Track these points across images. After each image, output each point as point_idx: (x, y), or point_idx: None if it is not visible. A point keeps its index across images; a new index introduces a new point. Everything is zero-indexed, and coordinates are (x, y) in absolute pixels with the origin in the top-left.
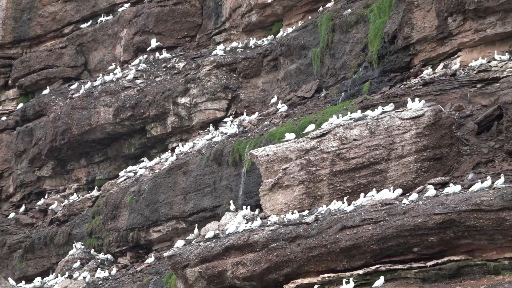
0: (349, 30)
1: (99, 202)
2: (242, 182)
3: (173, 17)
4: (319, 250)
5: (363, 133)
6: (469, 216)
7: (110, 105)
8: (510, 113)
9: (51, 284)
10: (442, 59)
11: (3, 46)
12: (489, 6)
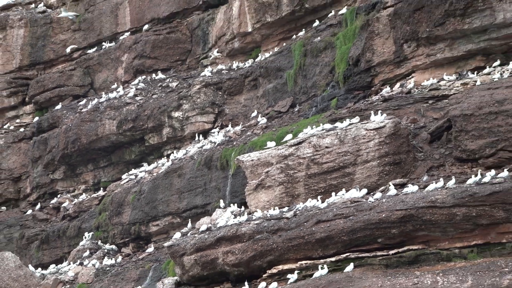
0: (319, 55)
1: (105, 201)
2: (228, 183)
3: (167, 44)
4: (298, 241)
5: (334, 141)
6: (425, 211)
7: (114, 118)
8: (458, 125)
9: (64, 270)
10: (399, 79)
11: (21, 68)
12: (438, 34)
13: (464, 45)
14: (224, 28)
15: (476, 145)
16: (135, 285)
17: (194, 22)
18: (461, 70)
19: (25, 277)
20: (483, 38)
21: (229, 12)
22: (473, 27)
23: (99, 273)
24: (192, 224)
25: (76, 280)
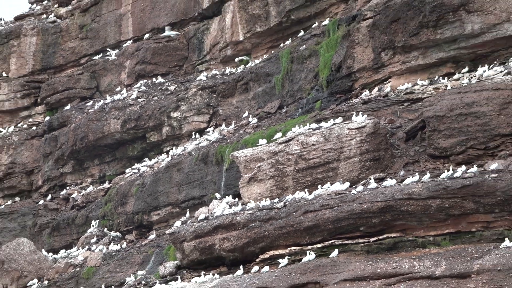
0: (304, 62)
1: (111, 192)
2: (223, 177)
3: (166, 51)
4: (287, 229)
5: (319, 139)
6: (403, 203)
7: (118, 118)
8: (431, 125)
9: (74, 255)
10: (377, 84)
11: (34, 73)
12: (413, 43)
13: (436, 54)
14: (218, 37)
15: (448, 143)
16: (139, 268)
17: (190, 31)
18: (433, 76)
19: (39, 260)
20: (453, 47)
21: (222, 23)
22: (444, 37)
23: (106, 257)
24: (190, 213)
25: (85, 264)
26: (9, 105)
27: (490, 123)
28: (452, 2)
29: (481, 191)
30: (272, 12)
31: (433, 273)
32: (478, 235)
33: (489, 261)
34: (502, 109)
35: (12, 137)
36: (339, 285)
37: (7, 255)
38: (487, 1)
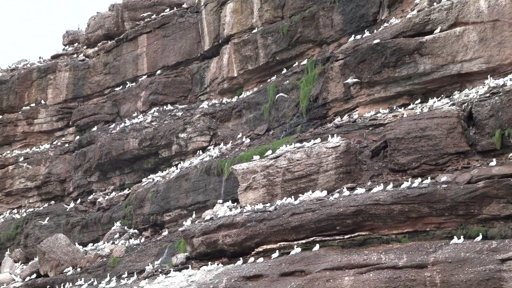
0: (288, 93)
1: (130, 197)
2: (223, 185)
3: (174, 84)
4: (278, 228)
5: (303, 156)
6: (371, 207)
7: (136, 138)
8: (392, 145)
9: (101, 247)
10: (347, 112)
11: (66, 101)
12: (376, 80)
13: (395, 88)
14: (216, 73)
15: (406, 160)
16: (155, 259)
17: (194, 69)
18: (392, 106)
19: (73, 252)
20: (408, 83)
21: (220, 62)
22: (401, 75)
23: (128, 249)
24: (195, 215)
25: (111, 255)
26: (46, 127)
27: (440, 144)
28: (408, 47)
29: (434, 198)
30: (260, 54)
31: (397, 264)
32: (432, 233)
33: (441, 255)
34: (449, 133)
35: (49, 152)
36: (320, 273)
37: (47, 248)
38: (436, 46)
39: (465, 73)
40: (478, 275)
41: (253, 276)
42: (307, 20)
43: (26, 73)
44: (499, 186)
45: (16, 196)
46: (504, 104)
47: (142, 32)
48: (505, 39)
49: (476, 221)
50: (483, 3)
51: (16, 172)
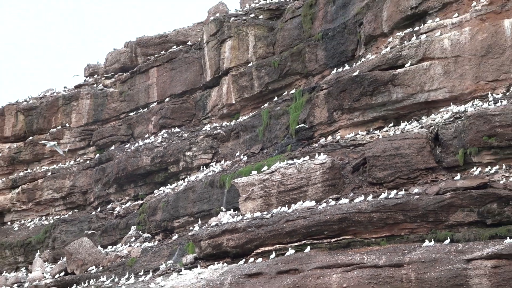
0: (279, 118)
1: (144, 206)
2: (224, 196)
3: (180, 110)
4: (274, 232)
5: (294, 171)
6: (354, 215)
7: (149, 156)
8: (370, 162)
9: (120, 249)
10: (330, 133)
11: (88, 124)
12: (355, 106)
13: (371, 113)
14: (217, 101)
15: (382, 174)
16: (167, 259)
17: (197, 97)
18: (369, 129)
19: (96, 253)
20: (383, 109)
21: (220, 91)
22: (377, 102)
23: (143, 251)
24: (201, 221)
25: (129, 255)
26: (71, 146)
27: (411, 161)
28: (383, 78)
29: (408, 207)
30: (255, 84)
31: (377, 263)
32: (406, 237)
33: (415, 256)
34: (419, 151)
35: (72, 168)
36: (312, 271)
37: (74, 249)
38: (406, 78)
39: (432, 101)
40: (447, 273)
41: (253, 274)
42: (295, 56)
43: (53, 100)
44: (463, 197)
45: (45, 205)
46: (466, 127)
47: (152, 65)
48: (465, 72)
49: (444, 227)
50: (447, 41)
51: (44, 184)
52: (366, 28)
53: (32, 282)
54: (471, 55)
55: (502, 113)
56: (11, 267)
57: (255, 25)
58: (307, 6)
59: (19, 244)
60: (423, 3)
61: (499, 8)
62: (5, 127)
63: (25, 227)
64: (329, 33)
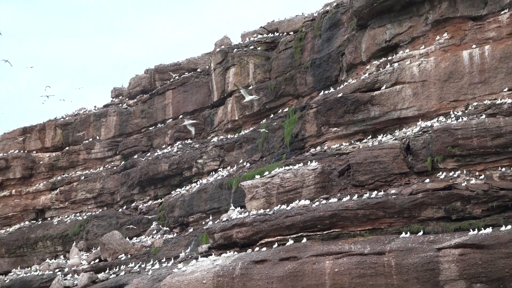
0: (275, 132)
1: (163, 205)
2: (231, 196)
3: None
4: (275, 226)
5: (291, 175)
6: (342, 212)
7: (166, 163)
8: (354, 168)
9: (144, 240)
10: (319, 144)
11: (114, 137)
12: (340, 122)
13: (353, 128)
14: (223, 117)
15: (364, 178)
16: (185, 248)
17: (206, 114)
18: (351, 140)
19: (125, 244)
20: (363, 124)
21: (225, 109)
22: (358, 119)
23: (165, 242)
24: (212, 217)
25: (152, 245)
26: (100, 155)
27: (388, 167)
28: (363, 99)
29: (387, 205)
30: (254, 104)
31: (363, 251)
32: (385, 230)
33: (394, 245)
34: (394, 159)
35: (102, 173)
36: (308, 258)
37: (107, 240)
38: (382, 98)
39: (403, 117)
40: (422, 260)
41: (260, 261)
42: (287, 80)
43: (86, 117)
44: (432, 197)
45: (79, 203)
46: (433, 139)
47: (168, 88)
48: (431, 94)
49: (416, 221)
50: (415, 69)
51: (79, 187)
52: (348, 57)
53: (71, 268)
54: (435, 80)
55: (463, 127)
56: (51, 255)
57: (254, 55)
58: (298, 40)
59: (58, 236)
60: (395, 37)
61: (459, 41)
62: (46, 139)
63: (62, 222)
64: (316, 62)
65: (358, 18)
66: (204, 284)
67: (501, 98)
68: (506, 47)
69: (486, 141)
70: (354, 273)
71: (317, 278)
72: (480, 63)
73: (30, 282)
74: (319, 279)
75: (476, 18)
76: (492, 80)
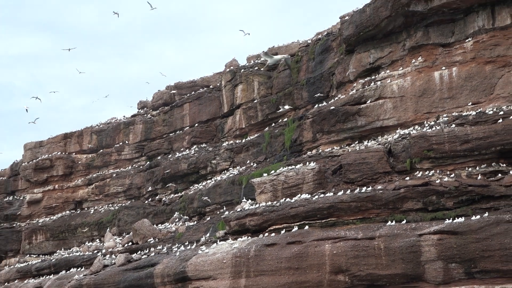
0: (277, 138)
1: (184, 197)
2: (242, 191)
3: (206, 132)
4: (282, 216)
5: (294, 174)
6: (338, 204)
7: (185, 163)
8: (345, 168)
9: (169, 227)
10: (314, 148)
11: (141, 141)
12: (332, 130)
13: (343, 135)
14: (232, 125)
15: (354, 176)
16: (204, 234)
17: (217, 123)
18: (341, 145)
19: (153, 229)
20: (351, 132)
21: (234, 119)
22: (348, 127)
23: (187, 228)
24: (226, 207)
25: (176, 231)
26: (129, 156)
27: (374, 167)
28: (352, 111)
29: (375, 199)
30: (259, 114)
31: (356, 237)
32: (374, 219)
33: (383, 231)
34: (379, 160)
35: (130, 171)
36: (311, 242)
37: (138, 227)
38: (368, 111)
39: (385, 126)
40: (406, 243)
41: (270, 244)
42: (287, 95)
43: (116, 125)
44: (412, 192)
45: (111, 196)
46: (411, 144)
47: (186, 101)
48: (408, 107)
49: (399, 212)
50: (395, 86)
51: (111, 182)
52: (337, 77)
53: (107, 249)
54: (411, 95)
55: (437, 135)
56: (89, 239)
57: (258, 75)
58: (294, 62)
59: (94, 223)
60: (377, 60)
61: (431, 64)
62: (83, 143)
63: (97, 211)
64: (310, 80)
65: (347, 44)
66: (224, 263)
67: (466, 110)
68: (470, 69)
69: (456, 146)
70: (349, 254)
71: (319, 258)
72: (449, 82)
73: (73, 261)
74: (320, 259)
75: (445, 45)
76: (458, 96)
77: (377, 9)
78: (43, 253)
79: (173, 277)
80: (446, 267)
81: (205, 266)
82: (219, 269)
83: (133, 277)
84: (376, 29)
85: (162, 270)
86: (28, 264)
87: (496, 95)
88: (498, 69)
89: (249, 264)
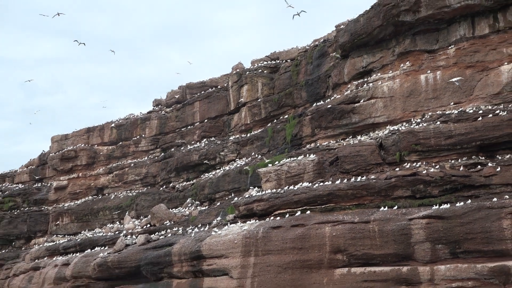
0: (279, 132)
1: (196, 185)
2: (249, 179)
3: (214, 127)
4: (286, 201)
5: (296, 164)
6: (336, 191)
7: (197, 154)
8: (341, 159)
9: (183, 211)
10: (313, 142)
11: (156, 135)
12: (329, 126)
13: (339, 130)
14: (238, 121)
15: (349, 166)
16: (215, 217)
17: (225, 119)
18: (337, 139)
19: (169, 213)
20: (346, 128)
21: (240, 116)
22: (343, 124)
23: (199, 212)
24: (233, 194)
25: (190, 214)
26: (145, 148)
27: (367, 159)
28: (347, 109)
29: (369, 187)
30: (262, 112)
31: (353, 221)
32: (368, 205)
33: (377, 216)
34: (371, 153)
35: (146, 161)
36: (313, 225)
37: (155, 210)
38: (361, 109)
39: (376, 123)
40: (397, 227)
41: (276, 227)
42: (287, 95)
43: (134, 120)
44: (402, 181)
45: (129, 183)
46: (400, 139)
47: (196, 100)
48: (397, 106)
49: (391, 199)
50: (385, 87)
51: (129, 171)
52: (333, 79)
53: (128, 230)
54: (400, 96)
55: (423, 131)
56: (109, 221)
57: (262, 76)
58: (294, 65)
59: (114, 207)
60: (370, 64)
61: (418, 68)
62: (105, 136)
63: (117, 197)
64: (309, 82)
65: (342, 50)
66: (235, 243)
67: (449, 109)
68: (452, 72)
69: (440, 141)
70: (347, 236)
71: (320, 239)
72: (433, 84)
73: (97, 241)
74: (321, 241)
75: (430, 51)
76: (442, 96)
77: (370, 19)
78: (69, 233)
79: (189, 255)
80: (434, 247)
81: (218, 246)
82: (230, 249)
83: (153, 255)
84: (369, 36)
85: (179, 249)
86: (56, 243)
87: (475, 96)
88: (477, 73)
89: (257, 244)
